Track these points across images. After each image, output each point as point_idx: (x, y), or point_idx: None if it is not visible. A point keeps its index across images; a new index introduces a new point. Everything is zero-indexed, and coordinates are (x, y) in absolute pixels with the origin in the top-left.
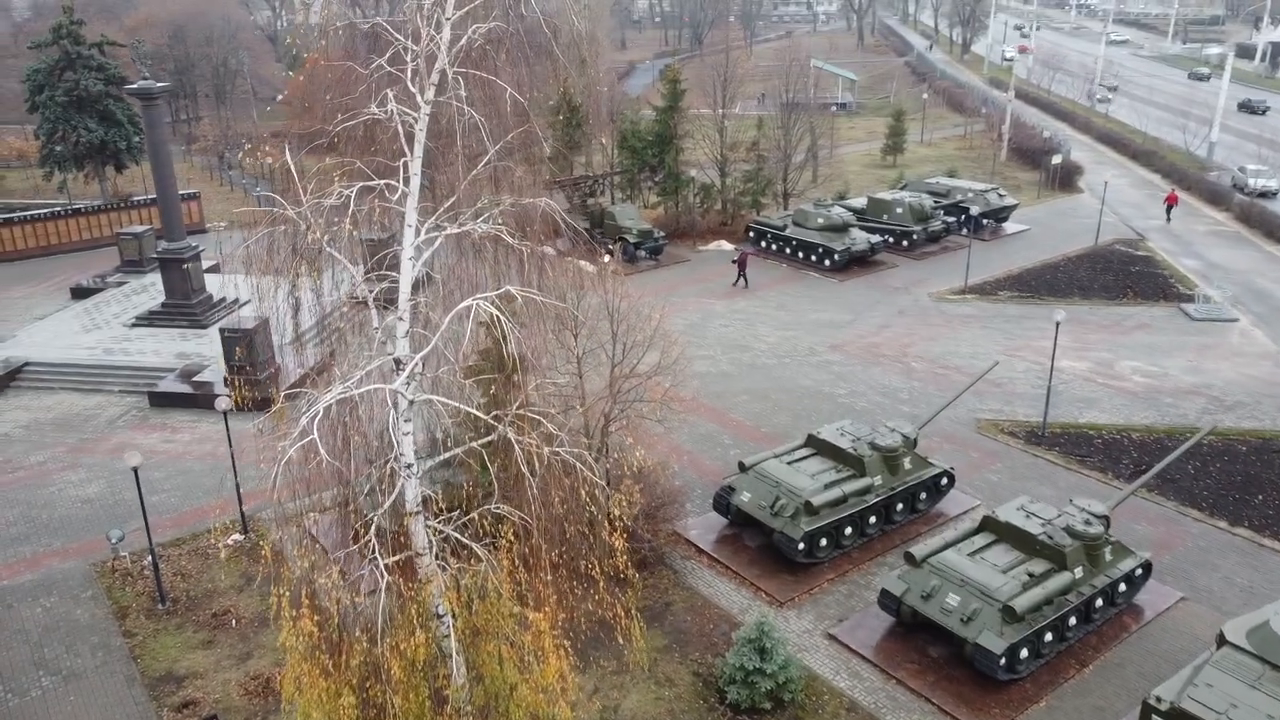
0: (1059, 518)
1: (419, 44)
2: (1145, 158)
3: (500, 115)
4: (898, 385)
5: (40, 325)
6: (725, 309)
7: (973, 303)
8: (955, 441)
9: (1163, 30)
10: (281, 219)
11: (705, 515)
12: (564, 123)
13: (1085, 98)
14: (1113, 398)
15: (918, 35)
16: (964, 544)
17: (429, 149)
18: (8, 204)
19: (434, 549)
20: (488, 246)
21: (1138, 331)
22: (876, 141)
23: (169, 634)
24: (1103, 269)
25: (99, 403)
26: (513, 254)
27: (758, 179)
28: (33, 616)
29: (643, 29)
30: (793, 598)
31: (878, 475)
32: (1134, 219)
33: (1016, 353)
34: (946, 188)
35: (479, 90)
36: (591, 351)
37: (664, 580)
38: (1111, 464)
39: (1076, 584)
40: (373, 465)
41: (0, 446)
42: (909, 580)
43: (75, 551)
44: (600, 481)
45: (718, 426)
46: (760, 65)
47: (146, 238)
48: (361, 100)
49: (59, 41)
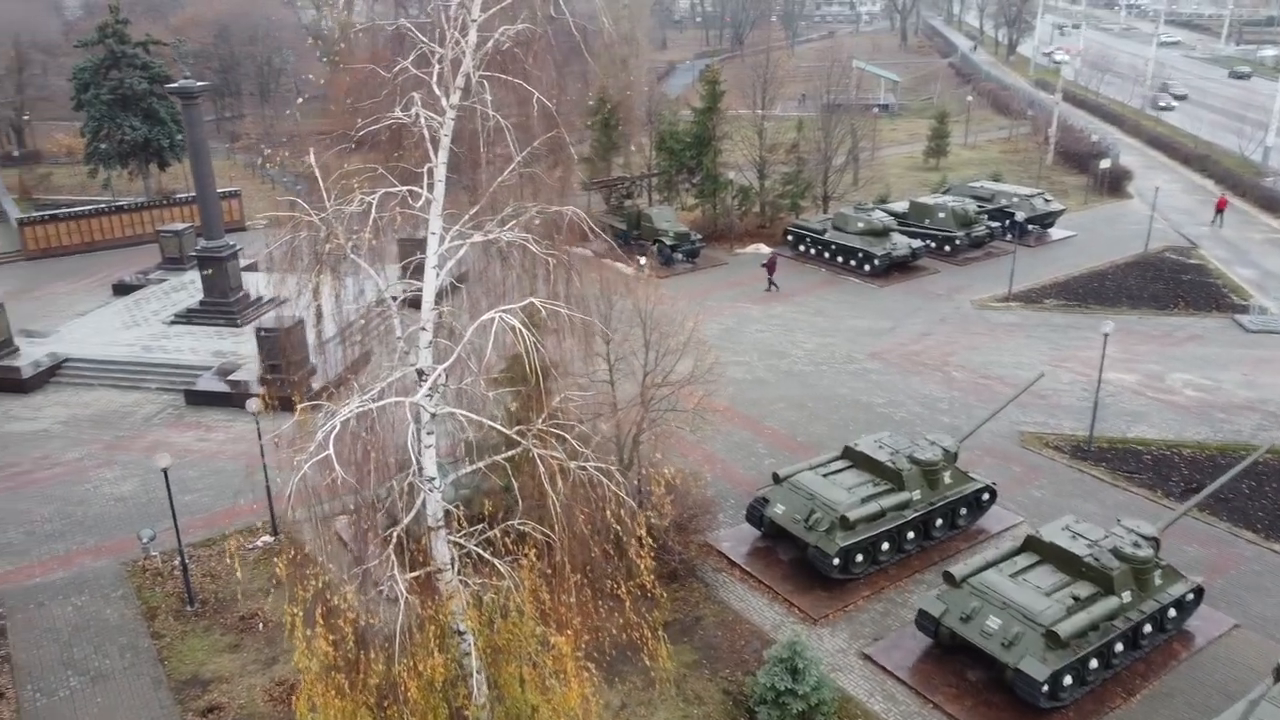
0: (1106, 539)
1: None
2: (1198, 162)
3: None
4: (938, 395)
5: (81, 321)
6: (761, 314)
7: (1017, 311)
8: (997, 455)
9: (1216, 31)
10: (304, 224)
11: (738, 527)
12: (601, 124)
13: (1149, 105)
14: (1162, 412)
15: (962, 36)
16: (1006, 564)
17: (456, 154)
18: (53, 200)
19: (456, 565)
20: (515, 254)
21: (1189, 343)
22: (919, 144)
23: (196, 636)
24: (1153, 277)
25: (136, 400)
26: (540, 262)
27: (797, 181)
28: (64, 615)
29: (684, 29)
30: (826, 615)
31: (916, 490)
32: (1185, 226)
33: (1062, 363)
34: (991, 192)
35: (507, 94)
36: (624, 358)
37: (695, 593)
38: (1161, 481)
39: (1124, 609)
40: (394, 478)
41: (39, 442)
42: (948, 601)
43: (108, 550)
44: (627, 499)
45: (752, 435)
46: (801, 66)
47: (187, 235)
48: (385, 104)
49: (104, 40)
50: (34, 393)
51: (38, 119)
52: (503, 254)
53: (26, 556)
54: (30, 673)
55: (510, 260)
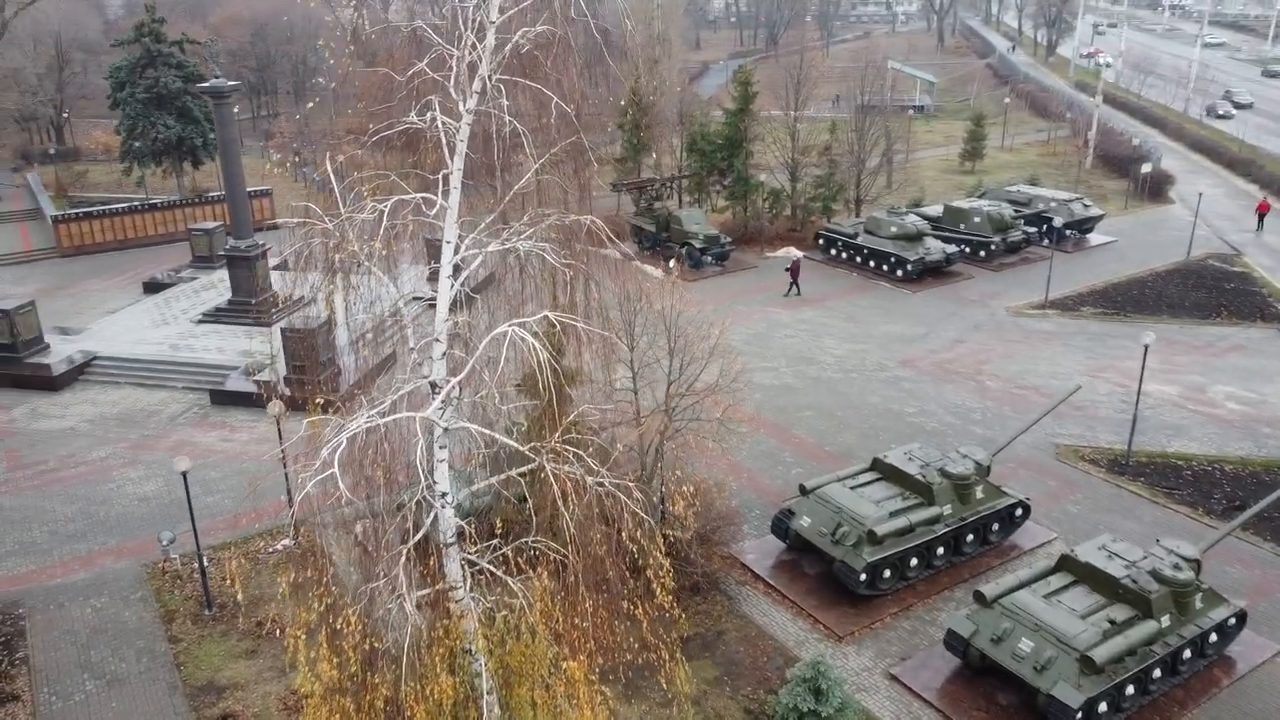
0: (1145, 560)
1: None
2: (1242, 167)
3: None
4: (971, 405)
5: (111, 319)
6: (791, 319)
7: (1053, 318)
8: (1031, 468)
9: (1262, 33)
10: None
11: (763, 538)
12: (632, 124)
13: (1208, 114)
14: (1204, 425)
15: (1000, 36)
16: (1039, 584)
17: (473, 160)
18: (87, 198)
19: (468, 582)
20: (533, 263)
21: (1232, 354)
22: (955, 146)
23: (213, 641)
24: (1194, 285)
25: (162, 399)
26: (558, 272)
27: (829, 184)
28: (82, 617)
29: (718, 29)
30: (852, 631)
31: (947, 504)
32: (1229, 232)
33: (1099, 373)
34: (1028, 196)
35: (526, 99)
36: (648, 365)
37: (717, 606)
38: (1202, 499)
39: (1163, 633)
40: (405, 493)
41: (66, 440)
42: (978, 621)
43: (129, 551)
44: (646, 517)
45: (779, 443)
46: (836, 66)
47: (217, 234)
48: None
49: (141, 39)
50: (63, 390)
51: (77, 117)
52: (520, 263)
53: (49, 556)
54: (47, 675)
55: (529, 269)
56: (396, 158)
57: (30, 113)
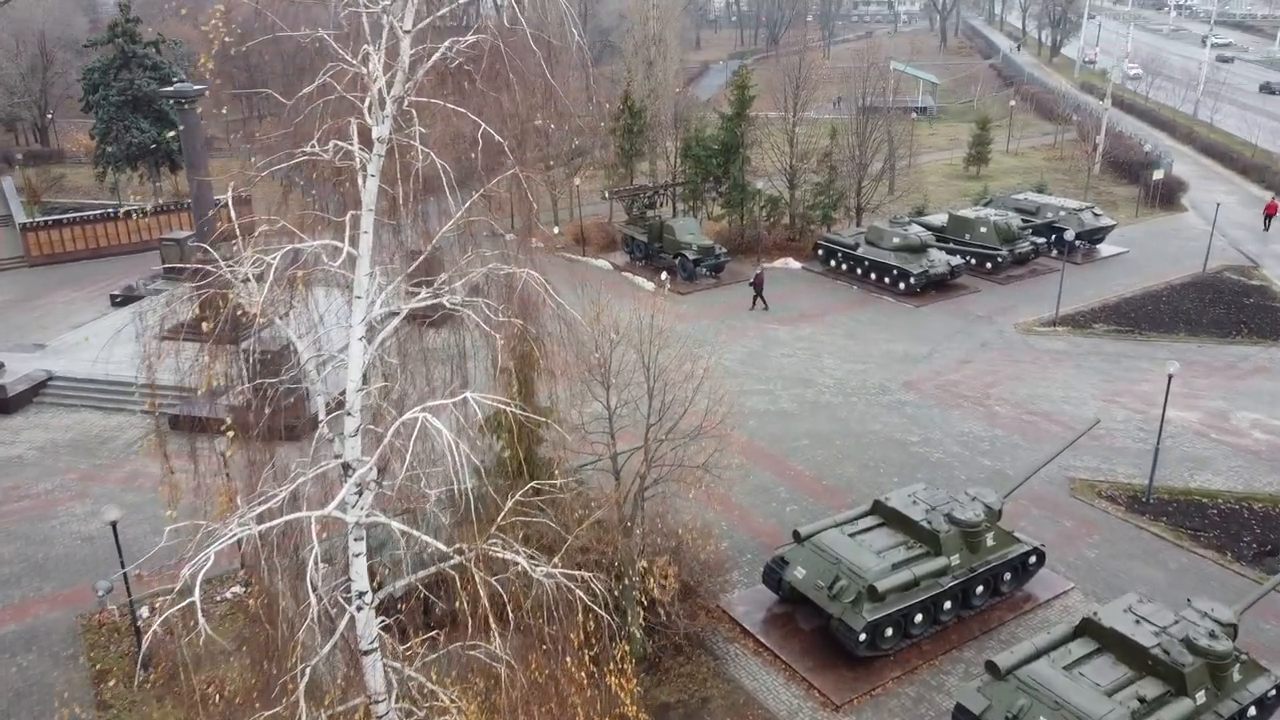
0: (1176, 624)
1: (368, 64)
2: (1256, 172)
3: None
4: (979, 433)
5: (73, 334)
6: (789, 335)
7: (1065, 336)
8: (1045, 505)
9: (1269, 33)
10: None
11: (754, 588)
12: (624, 129)
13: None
14: (1229, 457)
15: (1004, 37)
16: (1058, 653)
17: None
18: (59, 204)
19: (394, 694)
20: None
21: (1255, 376)
22: (959, 149)
23: (147, 705)
24: (1212, 300)
25: (119, 423)
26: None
27: (829, 192)
28: (6, 678)
29: (718, 28)
30: (851, 700)
31: (955, 554)
32: (1244, 242)
33: (1115, 398)
34: (1036, 205)
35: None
36: (627, 403)
37: (702, 669)
38: (1230, 541)
39: (1199, 713)
40: (314, 595)
41: (11, 470)
42: (991, 695)
43: (65, 599)
44: (604, 615)
45: (774, 476)
46: (837, 67)
47: (188, 243)
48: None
49: (115, 40)
50: (14, 414)
51: (61, 118)
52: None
53: None
54: None
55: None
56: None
57: (12, 114)
